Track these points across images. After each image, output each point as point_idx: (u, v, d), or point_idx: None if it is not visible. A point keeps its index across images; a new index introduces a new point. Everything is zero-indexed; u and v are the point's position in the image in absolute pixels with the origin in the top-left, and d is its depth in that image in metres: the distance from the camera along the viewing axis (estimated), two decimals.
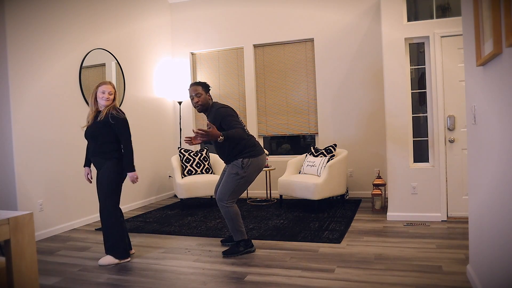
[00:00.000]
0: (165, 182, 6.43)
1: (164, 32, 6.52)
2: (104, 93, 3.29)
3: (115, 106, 3.35)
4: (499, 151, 1.89)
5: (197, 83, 3.45)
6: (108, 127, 3.27)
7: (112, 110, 3.28)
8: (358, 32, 5.68)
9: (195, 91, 3.40)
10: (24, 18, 4.02)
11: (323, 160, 5.05)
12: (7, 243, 1.51)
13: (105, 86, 3.31)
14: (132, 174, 3.29)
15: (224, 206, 3.38)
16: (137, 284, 2.87)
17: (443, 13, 4.38)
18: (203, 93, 3.41)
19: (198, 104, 3.40)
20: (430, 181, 4.26)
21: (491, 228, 2.11)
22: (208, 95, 3.47)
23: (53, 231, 4.30)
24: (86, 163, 3.55)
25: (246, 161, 3.34)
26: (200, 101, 3.40)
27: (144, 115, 5.89)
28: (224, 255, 3.40)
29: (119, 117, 3.27)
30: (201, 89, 3.41)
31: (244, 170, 3.34)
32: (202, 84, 3.46)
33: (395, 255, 3.23)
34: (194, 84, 3.45)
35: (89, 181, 3.52)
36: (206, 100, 3.43)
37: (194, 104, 3.42)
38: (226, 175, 3.42)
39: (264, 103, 6.28)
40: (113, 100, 3.36)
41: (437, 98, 4.20)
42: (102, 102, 3.31)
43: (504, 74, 1.76)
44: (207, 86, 3.49)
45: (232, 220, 3.39)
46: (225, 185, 3.39)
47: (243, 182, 3.39)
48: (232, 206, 3.39)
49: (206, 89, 3.45)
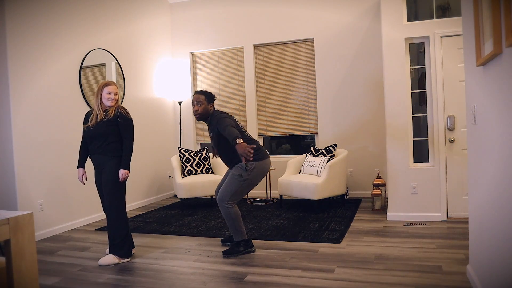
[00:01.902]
0: (165, 182, 6.43)
1: (164, 32, 6.52)
2: (110, 94, 3.34)
3: (122, 106, 3.42)
4: (499, 151, 1.89)
5: (202, 92, 3.46)
6: (115, 125, 3.31)
7: (121, 110, 3.35)
8: (358, 32, 5.68)
9: (198, 99, 3.43)
10: (24, 18, 4.02)
11: (323, 160, 5.05)
12: (7, 243, 1.51)
13: (111, 87, 3.35)
14: (124, 172, 3.30)
15: (224, 207, 3.38)
16: (137, 284, 2.87)
17: (443, 13, 4.38)
18: (205, 103, 3.42)
19: (197, 113, 3.43)
20: (430, 181, 4.26)
21: (491, 228, 2.11)
22: (210, 105, 3.47)
23: (53, 231, 4.30)
24: (80, 164, 3.51)
25: (250, 164, 3.32)
26: (200, 110, 3.42)
27: (144, 115, 5.89)
28: (224, 255, 3.40)
29: (127, 117, 3.35)
30: (204, 98, 3.43)
31: (248, 172, 3.34)
32: (206, 94, 3.46)
33: (395, 255, 3.23)
34: (198, 93, 3.47)
35: (82, 182, 3.52)
36: (207, 110, 3.44)
37: (194, 111, 3.44)
38: (230, 176, 3.41)
39: (264, 103, 6.28)
40: (116, 101, 3.41)
41: (437, 98, 4.20)
42: (108, 103, 3.35)
43: (504, 74, 1.76)
44: (212, 97, 3.49)
45: (232, 220, 3.39)
46: (227, 186, 3.39)
47: (245, 185, 3.38)
48: (232, 207, 3.39)
49: (209, 99, 3.46)
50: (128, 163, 3.35)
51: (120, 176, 3.29)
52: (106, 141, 3.31)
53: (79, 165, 3.51)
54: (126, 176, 3.32)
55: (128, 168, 3.34)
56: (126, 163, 3.33)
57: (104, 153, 3.32)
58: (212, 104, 3.48)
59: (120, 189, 3.34)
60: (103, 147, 3.32)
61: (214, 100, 3.50)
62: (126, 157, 3.33)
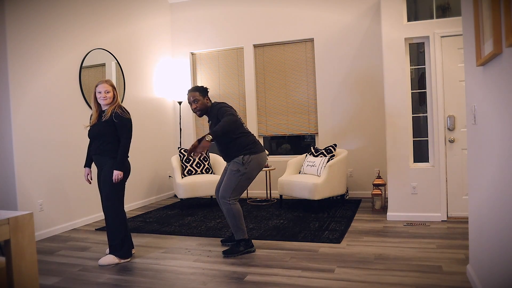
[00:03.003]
0: (165, 182, 6.43)
1: (164, 32, 6.52)
2: (100, 93, 3.31)
3: (120, 105, 3.35)
4: (499, 151, 1.89)
5: (194, 89, 3.50)
6: (112, 126, 3.27)
7: (117, 109, 3.29)
8: (358, 32, 5.68)
9: (193, 97, 3.46)
10: (24, 18, 4.02)
11: (323, 160, 5.05)
12: (7, 243, 1.51)
13: (100, 86, 3.31)
14: (117, 173, 3.24)
15: (226, 203, 3.39)
16: (137, 284, 2.87)
17: (443, 13, 4.38)
18: (201, 98, 3.46)
19: (196, 110, 3.47)
20: (430, 181, 4.26)
21: (491, 228, 2.11)
22: (206, 98, 3.51)
23: (53, 231, 4.30)
24: (87, 164, 3.54)
25: (246, 157, 3.38)
26: (198, 107, 3.46)
27: (144, 115, 5.89)
28: (225, 255, 3.40)
29: (123, 116, 3.28)
30: (198, 94, 3.46)
31: (245, 166, 3.38)
32: (199, 89, 3.49)
33: (395, 255, 3.23)
34: (191, 90, 3.50)
35: (88, 181, 3.52)
36: (205, 105, 3.49)
37: (193, 110, 3.48)
38: (228, 173, 3.45)
39: (264, 103, 6.28)
40: (113, 98, 3.34)
41: (437, 98, 4.20)
42: (101, 102, 3.32)
43: (504, 74, 1.76)
44: (205, 90, 3.52)
45: (234, 218, 3.39)
46: (227, 182, 3.41)
47: (244, 179, 3.41)
48: (235, 203, 3.41)
49: (203, 93, 3.50)
50: (122, 164, 3.27)
51: (113, 177, 3.24)
52: (105, 142, 3.29)
53: (85, 165, 3.54)
54: (120, 177, 3.25)
55: (121, 169, 3.26)
56: (119, 164, 3.26)
57: (102, 153, 3.31)
58: (207, 96, 3.53)
59: (117, 191, 3.30)
60: (101, 148, 3.31)
61: (207, 92, 3.54)
62: (120, 158, 3.27)
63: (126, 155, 3.31)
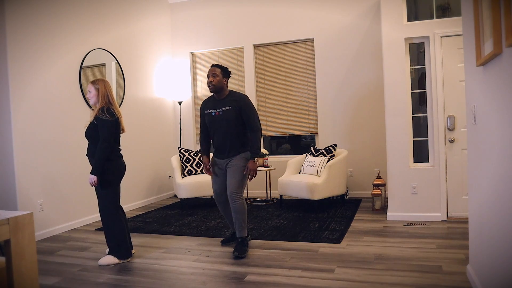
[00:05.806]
0: (165, 182, 6.43)
1: (164, 32, 6.52)
2: (87, 94, 3.34)
3: (107, 106, 3.23)
4: (499, 151, 1.89)
5: (218, 66, 3.51)
6: (96, 127, 3.22)
7: (99, 111, 3.20)
8: (358, 32, 5.68)
9: (213, 71, 3.46)
10: (24, 18, 4.02)
11: (323, 160, 5.06)
12: (7, 243, 1.51)
13: (88, 87, 3.33)
14: (92, 178, 3.14)
15: (239, 198, 3.38)
16: (137, 284, 2.87)
17: (443, 13, 4.38)
18: (220, 76, 3.46)
19: (211, 84, 3.45)
20: (430, 181, 4.26)
21: (491, 228, 2.11)
22: (225, 79, 3.51)
23: (53, 231, 4.30)
24: None
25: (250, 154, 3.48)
26: (214, 82, 3.44)
27: (144, 115, 5.89)
28: (238, 256, 3.31)
29: (102, 118, 3.17)
30: (220, 71, 3.47)
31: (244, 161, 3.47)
32: (223, 68, 3.51)
33: (395, 255, 3.23)
34: (215, 66, 3.51)
35: None
36: (221, 84, 3.47)
37: (208, 82, 3.47)
38: (235, 168, 3.41)
39: (264, 103, 6.28)
40: (97, 96, 3.25)
41: (437, 98, 4.20)
42: (90, 102, 3.37)
43: (504, 74, 1.76)
44: (228, 72, 3.54)
45: (243, 213, 3.40)
46: (236, 177, 3.40)
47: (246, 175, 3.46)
48: (242, 199, 3.44)
49: (225, 73, 3.51)
50: (98, 168, 3.14)
51: (89, 181, 3.17)
52: (93, 144, 3.27)
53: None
54: (93, 181, 3.14)
55: (96, 173, 3.13)
56: (94, 168, 3.14)
57: (92, 155, 3.27)
58: (227, 79, 3.52)
59: (109, 192, 3.25)
60: (91, 150, 3.28)
61: (229, 76, 3.54)
62: (96, 161, 3.15)
63: (101, 159, 3.15)
